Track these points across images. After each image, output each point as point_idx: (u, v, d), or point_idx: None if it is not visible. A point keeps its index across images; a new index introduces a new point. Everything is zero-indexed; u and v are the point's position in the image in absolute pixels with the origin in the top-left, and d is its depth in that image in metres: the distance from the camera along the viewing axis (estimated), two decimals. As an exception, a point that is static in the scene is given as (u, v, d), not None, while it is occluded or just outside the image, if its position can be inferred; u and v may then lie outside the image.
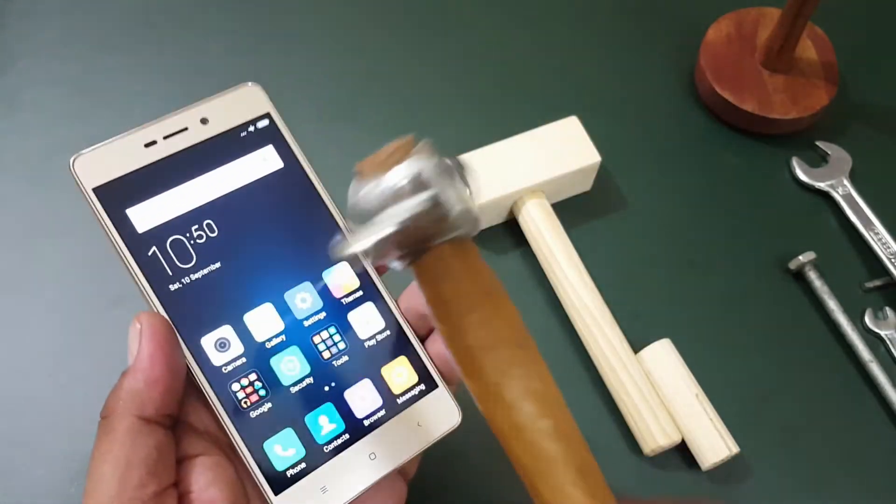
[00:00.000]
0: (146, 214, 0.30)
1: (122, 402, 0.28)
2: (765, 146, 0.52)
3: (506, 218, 0.50)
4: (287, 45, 0.56)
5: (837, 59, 0.54)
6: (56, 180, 0.51)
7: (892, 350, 0.47)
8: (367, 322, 0.32)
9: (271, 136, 0.33)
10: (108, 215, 0.30)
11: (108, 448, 0.28)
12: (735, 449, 0.43)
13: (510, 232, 0.50)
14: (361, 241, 0.25)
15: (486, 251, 0.50)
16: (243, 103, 0.33)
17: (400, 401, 0.32)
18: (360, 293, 0.33)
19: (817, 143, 0.54)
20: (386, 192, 0.26)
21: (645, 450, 0.43)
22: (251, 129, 0.32)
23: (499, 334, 0.27)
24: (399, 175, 0.26)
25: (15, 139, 0.52)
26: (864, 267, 0.50)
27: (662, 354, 0.45)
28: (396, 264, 0.27)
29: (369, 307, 0.32)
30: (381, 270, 0.34)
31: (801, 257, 0.49)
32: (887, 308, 0.48)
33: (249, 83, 0.33)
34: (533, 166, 0.48)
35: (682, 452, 0.44)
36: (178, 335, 0.30)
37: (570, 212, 0.51)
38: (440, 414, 0.32)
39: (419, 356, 0.33)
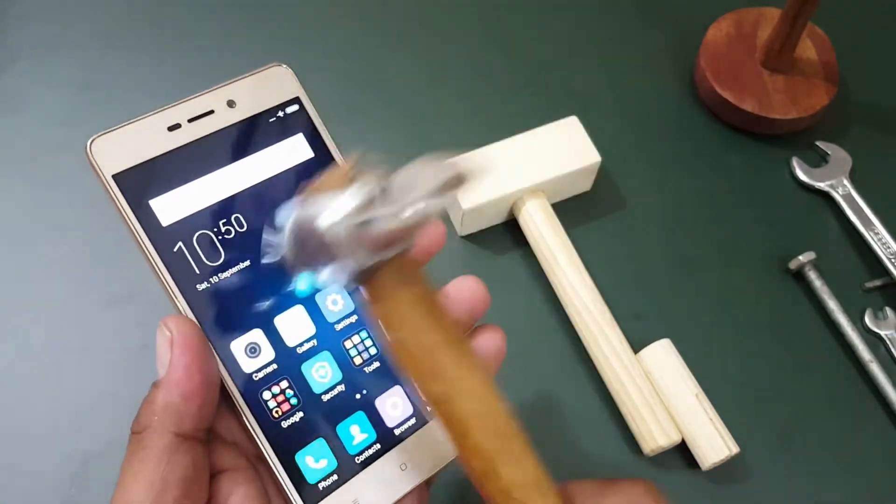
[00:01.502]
0: (171, 206, 0.28)
1: (157, 418, 0.26)
2: (765, 146, 0.52)
3: (506, 218, 0.50)
4: (289, 45, 0.56)
5: (837, 59, 0.54)
6: (56, 180, 0.51)
7: (893, 350, 0.47)
8: None
9: (301, 123, 0.30)
10: (130, 206, 0.27)
11: (141, 467, 0.26)
12: (735, 449, 0.43)
13: (510, 232, 0.50)
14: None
15: (487, 251, 0.50)
16: (272, 86, 0.30)
17: (430, 409, 0.30)
18: None
19: (817, 143, 0.54)
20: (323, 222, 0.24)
21: (645, 450, 0.43)
22: (280, 114, 0.30)
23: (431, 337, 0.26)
24: (339, 204, 0.24)
25: (15, 138, 0.52)
26: (864, 267, 0.50)
27: (662, 354, 0.45)
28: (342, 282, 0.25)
29: None
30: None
31: (801, 257, 0.49)
32: (887, 308, 0.48)
33: (278, 64, 0.30)
34: (533, 166, 0.48)
35: (682, 452, 0.44)
36: (208, 340, 0.28)
37: (570, 212, 0.51)
38: None
39: None
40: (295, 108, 0.30)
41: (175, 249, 0.27)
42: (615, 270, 0.50)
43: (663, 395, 0.44)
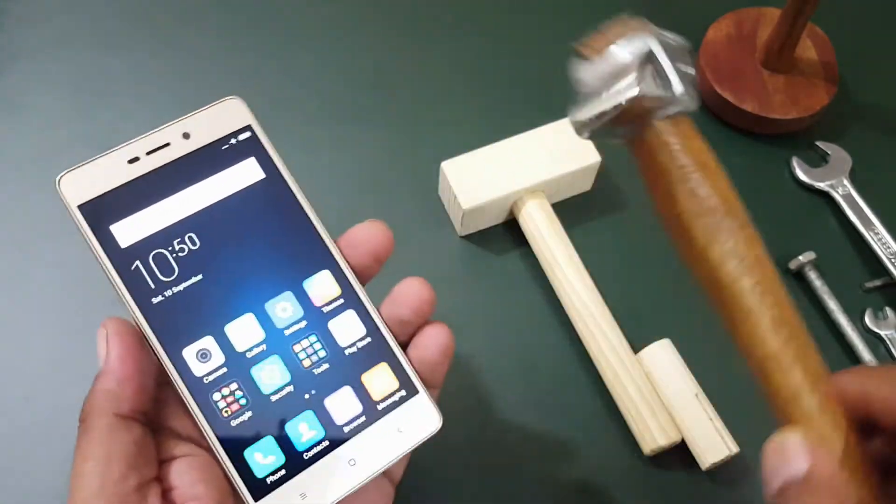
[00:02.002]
0: (129, 229, 0.31)
1: (97, 403, 0.29)
2: (765, 146, 0.52)
3: (506, 218, 0.50)
4: (288, 45, 0.56)
5: (837, 59, 0.54)
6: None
7: (893, 350, 0.47)
8: (347, 329, 0.32)
9: (253, 147, 0.33)
10: (93, 232, 0.31)
11: (87, 447, 0.29)
12: (735, 449, 0.43)
13: (510, 232, 0.50)
14: (584, 113, 0.30)
15: (487, 251, 0.50)
16: (225, 116, 0.33)
17: (380, 407, 0.32)
18: (340, 301, 0.33)
19: (817, 143, 0.54)
20: (609, 69, 0.29)
21: (645, 450, 0.43)
22: (233, 141, 0.33)
23: (707, 203, 0.30)
24: (622, 52, 0.29)
25: (15, 139, 0.52)
26: (864, 267, 0.50)
27: (662, 354, 0.45)
28: (617, 139, 0.30)
29: (350, 315, 0.33)
30: (366, 275, 0.34)
31: (800, 257, 0.49)
32: (887, 308, 0.48)
33: (231, 97, 0.33)
34: (533, 166, 0.48)
35: (681, 452, 0.44)
36: (142, 336, 0.31)
37: (570, 212, 0.51)
38: (421, 419, 0.33)
39: (400, 362, 0.33)
40: (247, 134, 0.33)
41: (132, 268, 0.31)
42: (615, 270, 0.50)
43: (663, 395, 0.44)
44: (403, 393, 0.33)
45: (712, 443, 0.43)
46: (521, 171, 0.48)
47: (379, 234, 0.33)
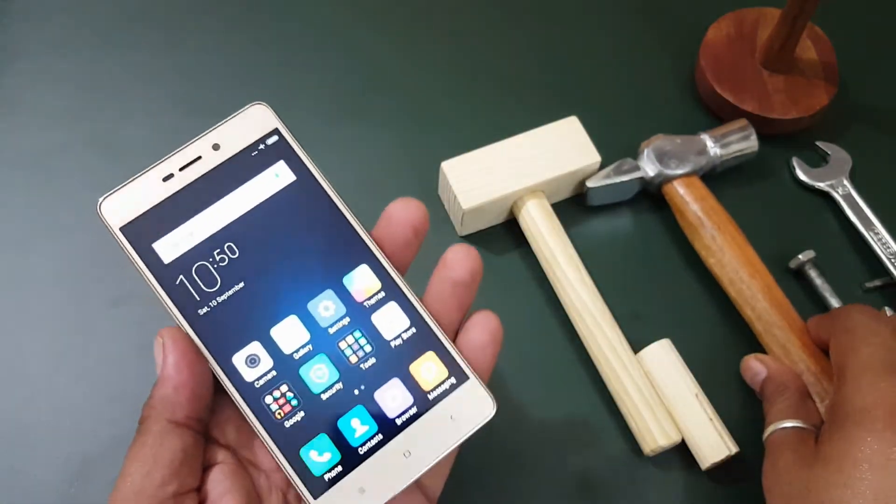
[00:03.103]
0: (171, 245, 0.32)
1: (153, 408, 0.30)
2: (765, 146, 0.52)
3: (506, 218, 0.50)
4: (288, 45, 0.56)
5: (837, 59, 0.54)
6: (56, 180, 0.51)
7: (892, 350, 0.47)
8: (391, 322, 0.32)
9: (282, 151, 0.33)
10: (136, 251, 0.31)
11: (137, 449, 0.30)
12: (735, 449, 0.43)
13: (510, 232, 0.50)
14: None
15: (486, 251, 0.50)
16: (251, 123, 0.33)
17: (431, 396, 0.32)
18: (381, 294, 0.33)
19: (817, 143, 0.54)
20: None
21: (645, 450, 0.43)
22: (261, 147, 0.33)
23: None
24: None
25: (15, 139, 0.52)
26: (864, 267, 0.50)
27: (662, 354, 0.45)
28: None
29: (392, 307, 0.33)
30: (407, 252, 0.34)
31: (800, 256, 0.49)
32: (887, 308, 0.48)
33: (256, 103, 0.34)
34: (533, 166, 0.48)
35: (681, 452, 0.44)
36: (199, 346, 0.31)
37: (570, 212, 0.51)
38: (473, 405, 0.32)
39: (447, 350, 0.32)
40: (275, 139, 0.33)
41: (177, 283, 0.31)
42: (615, 270, 0.50)
43: (663, 395, 0.44)
44: (453, 381, 0.32)
45: (712, 443, 0.43)
46: (521, 171, 0.48)
47: (414, 207, 0.33)
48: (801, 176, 0.53)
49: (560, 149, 0.49)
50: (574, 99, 0.55)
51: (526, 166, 0.48)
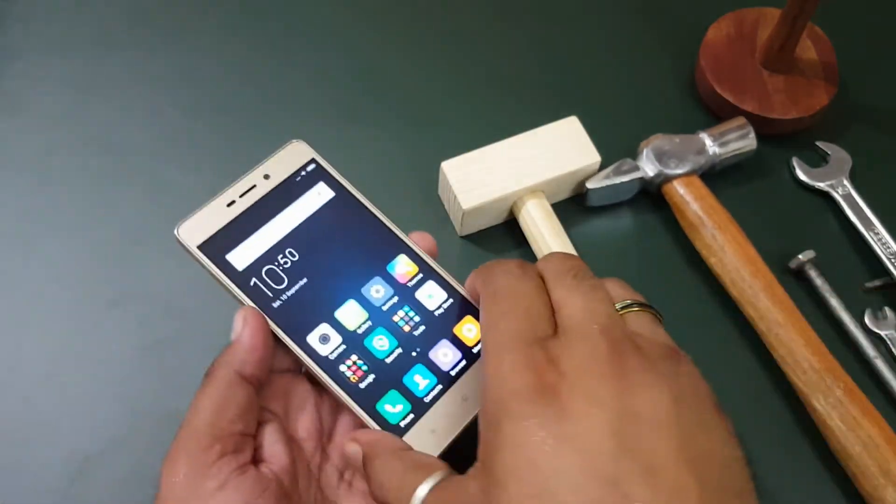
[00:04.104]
0: (242, 255, 0.38)
1: (224, 360, 0.35)
2: (765, 146, 0.52)
3: (506, 218, 0.50)
4: (289, 45, 0.56)
5: (837, 59, 0.54)
6: (56, 180, 0.51)
7: (893, 350, 0.47)
8: (431, 296, 0.39)
9: (320, 175, 0.41)
10: (214, 264, 0.38)
11: (208, 391, 0.34)
12: (735, 449, 0.43)
13: (510, 232, 0.50)
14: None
15: (487, 251, 0.50)
16: (293, 156, 0.41)
17: (475, 350, 0.38)
18: (420, 276, 0.39)
19: (817, 143, 0.54)
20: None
21: (645, 450, 0.43)
22: (303, 173, 0.41)
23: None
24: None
25: (15, 139, 0.52)
26: (864, 267, 0.50)
27: (662, 354, 0.45)
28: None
29: (431, 284, 0.39)
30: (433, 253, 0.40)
31: (800, 256, 0.49)
32: (887, 308, 0.48)
33: (295, 140, 0.41)
34: (533, 166, 0.48)
35: (682, 452, 0.44)
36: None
37: (570, 212, 0.51)
38: None
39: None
40: (313, 166, 0.41)
41: (252, 284, 0.38)
42: (615, 270, 0.50)
43: (663, 395, 0.44)
44: None
45: (712, 443, 0.43)
46: (521, 171, 0.48)
47: (429, 239, 0.41)
48: (801, 176, 0.53)
49: (560, 149, 0.49)
50: (574, 99, 0.55)
51: (526, 166, 0.48)
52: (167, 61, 0.55)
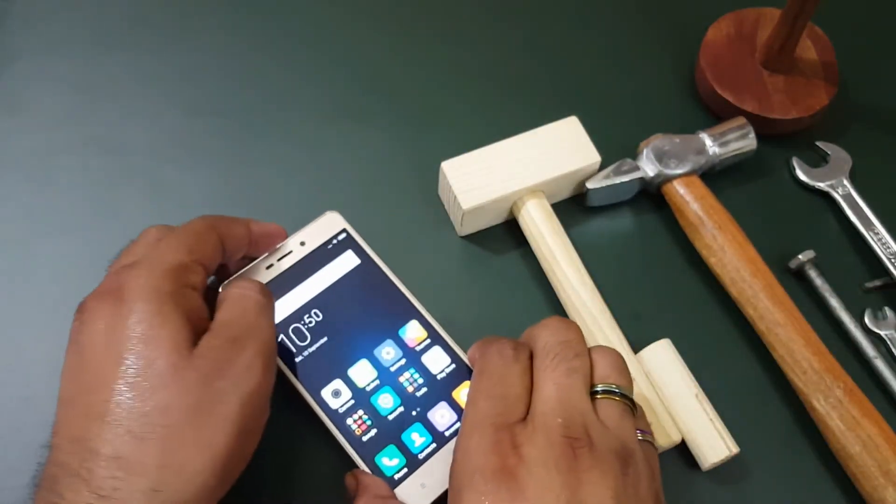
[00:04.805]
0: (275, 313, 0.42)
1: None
2: (765, 146, 0.52)
3: (506, 218, 0.50)
4: (288, 45, 0.56)
5: (837, 59, 0.54)
6: (56, 180, 0.51)
7: (893, 350, 0.47)
8: (436, 361, 0.43)
9: (349, 243, 0.45)
10: None
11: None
12: (735, 449, 0.43)
13: (510, 232, 0.50)
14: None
15: (487, 251, 0.50)
16: (327, 225, 0.45)
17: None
18: (428, 341, 0.43)
19: (817, 143, 0.54)
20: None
21: (645, 450, 0.43)
22: (335, 241, 0.45)
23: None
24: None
25: (15, 139, 0.52)
26: (864, 267, 0.50)
27: (662, 354, 0.45)
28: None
29: (437, 350, 0.43)
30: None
31: (800, 256, 0.49)
32: (887, 308, 0.48)
33: (330, 211, 0.46)
34: (533, 166, 0.48)
35: (682, 452, 0.44)
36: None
37: (570, 212, 0.51)
38: None
39: None
40: (344, 235, 0.45)
41: (279, 340, 0.42)
42: (615, 270, 0.50)
43: (663, 395, 0.44)
44: None
45: (712, 443, 0.43)
46: (521, 171, 0.48)
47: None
48: (801, 176, 0.53)
49: (560, 149, 0.49)
50: (574, 99, 0.55)
51: (526, 166, 0.48)
52: (167, 61, 0.55)
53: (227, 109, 0.54)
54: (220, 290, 0.40)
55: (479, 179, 0.48)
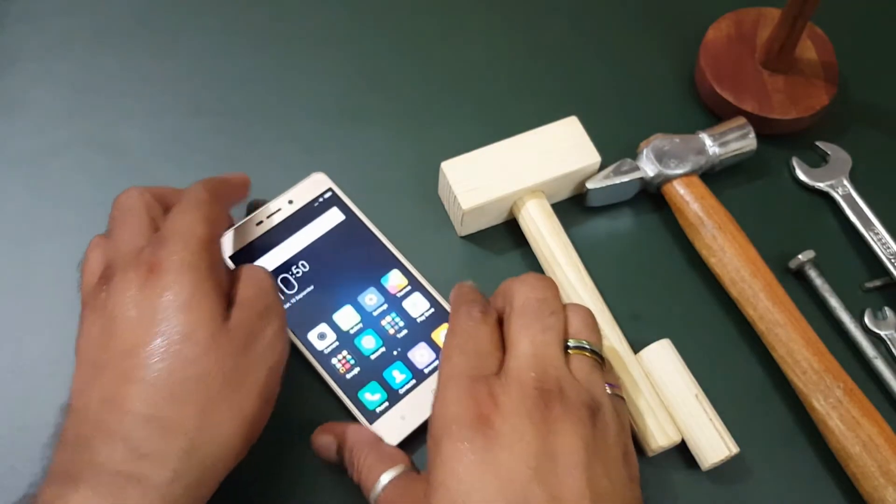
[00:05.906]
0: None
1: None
2: (765, 146, 0.52)
3: (506, 218, 0.50)
4: (288, 45, 0.56)
5: (837, 59, 0.54)
6: (56, 180, 0.51)
7: (893, 350, 0.47)
8: (416, 306, 0.46)
9: (335, 201, 0.49)
10: None
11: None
12: (735, 449, 0.43)
13: (510, 232, 0.50)
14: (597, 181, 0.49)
15: (487, 251, 0.50)
16: (314, 185, 0.49)
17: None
18: (409, 288, 0.46)
19: (817, 143, 0.54)
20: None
21: (645, 450, 0.43)
22: (321, 199, 0.48)
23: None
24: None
25: (15, 139, 0.52)
26: (864, 267, 0.50)
27: (662, 354, 0.45)
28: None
29: (416, 296, 0.46)
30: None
31: (800, 256, 0.49)
32: (886, 308, 0.48)
33: (317, 172, 0.49)
34: (533, 166, 0.48)
35: (682, 452, 0.44)
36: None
37: (570, 212, 0.51)
38: None
39: None
40: (329, 194, 0.49)
41: None
42: (615, 270, 0.50)
43: (663, 396, 0.44)
44: None
45: (712, 443, 0.43)
46: (521, 171, 0.48)
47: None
48: (801, 176, 0.53)
49: (560, 149, 0.49)
50: (574, 99, 0.55)
51: (526, 166, 0.48)
52: (167, 61, 0.55)
53: (227, 109, 0.54)
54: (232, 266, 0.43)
55: (479, 179, 0.48)
